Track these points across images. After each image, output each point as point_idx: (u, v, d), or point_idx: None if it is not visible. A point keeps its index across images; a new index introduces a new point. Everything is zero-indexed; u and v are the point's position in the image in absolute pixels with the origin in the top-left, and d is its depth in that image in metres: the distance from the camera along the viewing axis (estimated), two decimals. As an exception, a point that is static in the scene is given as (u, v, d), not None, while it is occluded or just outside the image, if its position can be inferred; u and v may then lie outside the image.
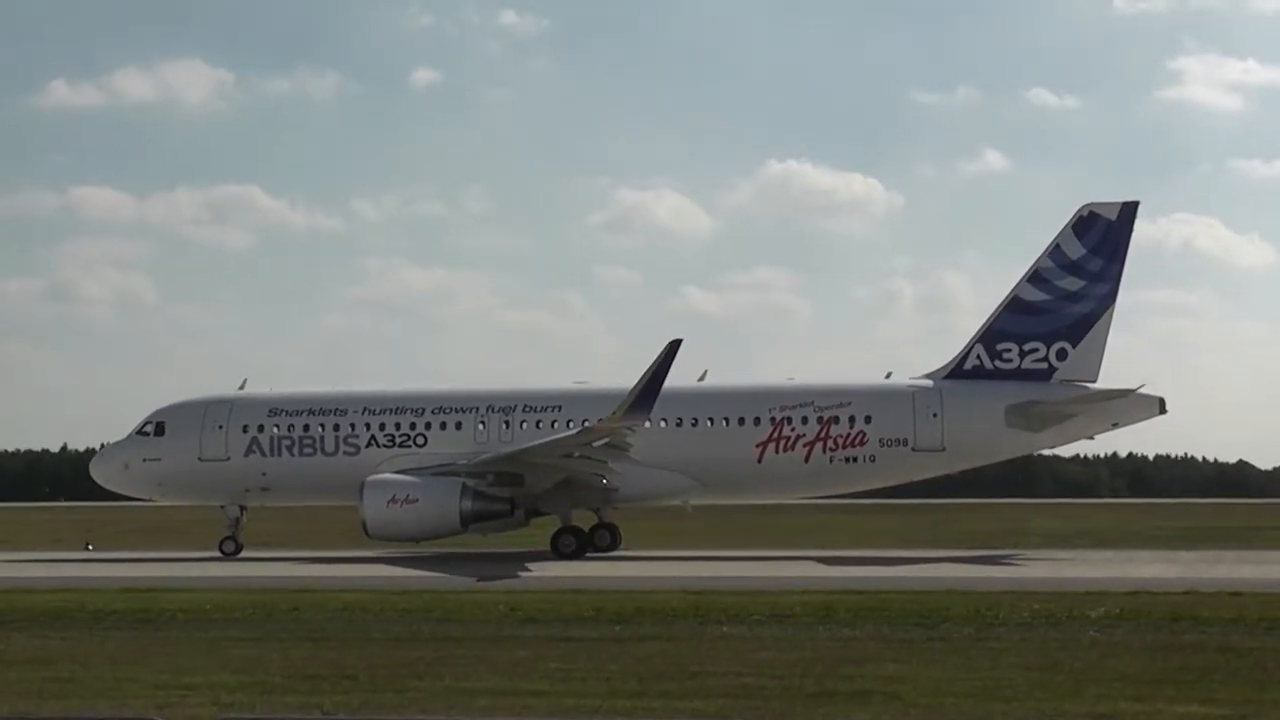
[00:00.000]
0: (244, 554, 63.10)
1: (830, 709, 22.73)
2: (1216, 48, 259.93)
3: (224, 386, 67.62)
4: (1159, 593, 38.47)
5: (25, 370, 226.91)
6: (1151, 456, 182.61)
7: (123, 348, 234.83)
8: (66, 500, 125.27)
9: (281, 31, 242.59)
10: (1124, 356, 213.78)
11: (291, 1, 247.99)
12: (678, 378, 63.24)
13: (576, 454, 60.21)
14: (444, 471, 61.13)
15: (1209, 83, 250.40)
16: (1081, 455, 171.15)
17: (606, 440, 59.11)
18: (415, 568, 54.00)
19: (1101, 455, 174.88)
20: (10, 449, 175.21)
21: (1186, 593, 38.35)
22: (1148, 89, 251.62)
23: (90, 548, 67.74)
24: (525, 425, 63.64)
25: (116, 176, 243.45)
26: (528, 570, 51.81)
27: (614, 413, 57.63)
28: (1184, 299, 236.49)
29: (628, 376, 59.13)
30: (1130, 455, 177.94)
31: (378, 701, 23.60)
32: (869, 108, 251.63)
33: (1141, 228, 69.99)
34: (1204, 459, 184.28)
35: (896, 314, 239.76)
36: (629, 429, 58.38)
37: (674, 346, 56.71)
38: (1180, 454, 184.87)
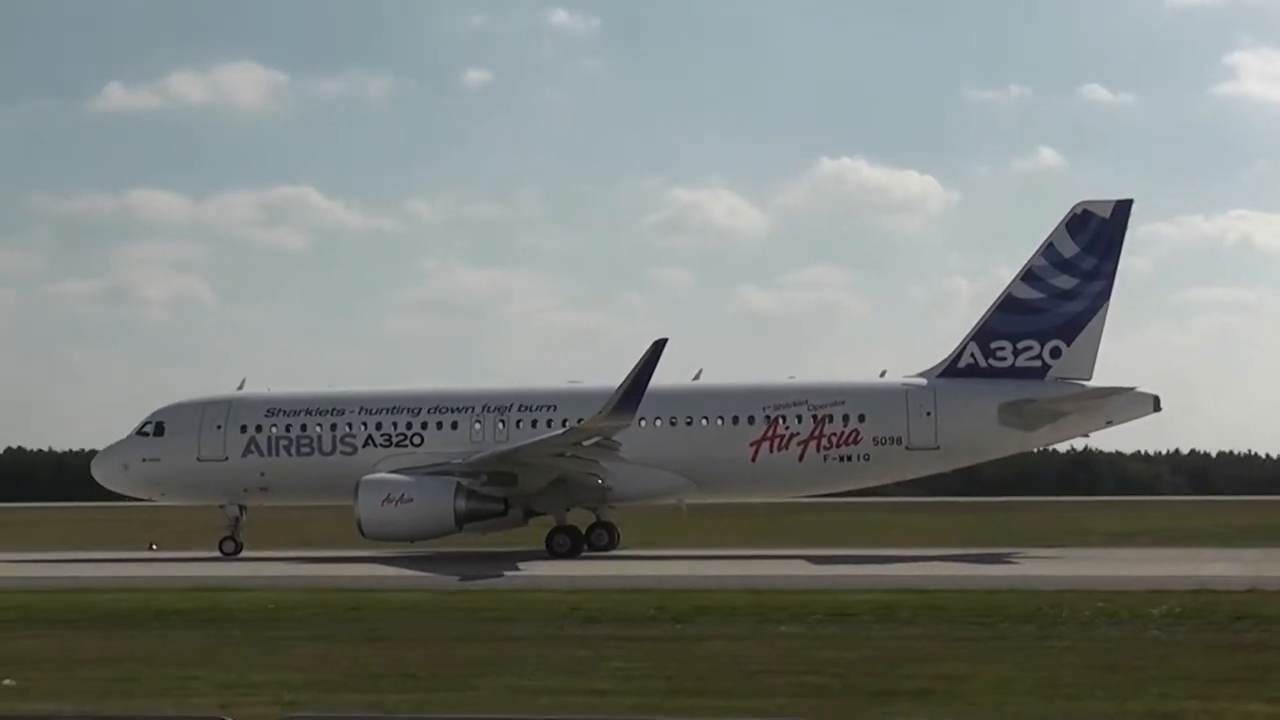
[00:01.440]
0: (244, 554, 63.36)
1: (891, 708, 22.72)
2: (1272, 42, 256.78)
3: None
4: (1221, 591, 38.20)
5: (84, 372, 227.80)
6: (1214, 453, 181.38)
7: (180, 349, 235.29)
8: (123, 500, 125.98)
9: (333, 33, 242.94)
10: (1180, 354, 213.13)
11: (343, 3, 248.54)
12: (676, 377, 64.64)
13: (567, 453, 60.34)
14: (438, 471, 61.24)
15: (1265, 77, 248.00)
16: (1142, 452, 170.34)
17: (596, 440, 59.25)
18: (397, 567, 54.45)
19: (1163, 452, 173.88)
20: (72, 449, 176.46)
21: (1249, 591, 38.10)
22: (1203, 84, 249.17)
23: (154, 548, 68.09)
24: (521, 425, 63.64)
25: (172, 179, 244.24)
26: (515, 570, 51.79)
27: (600, 412, 57.75)
28: (1243, 296, 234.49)
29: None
30: (1192, 452, 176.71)
31: (439, 700, 23.67)
32: (921, 105, 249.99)
33: (1197, 224, 69.73)
34: (1266, 455, 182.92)
35: (953, 312, 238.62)
36: (615, 428, 58.45)
37: (659, 346, 56.79)
38: (1243, 451, 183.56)
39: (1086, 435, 66.42)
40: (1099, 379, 62.19)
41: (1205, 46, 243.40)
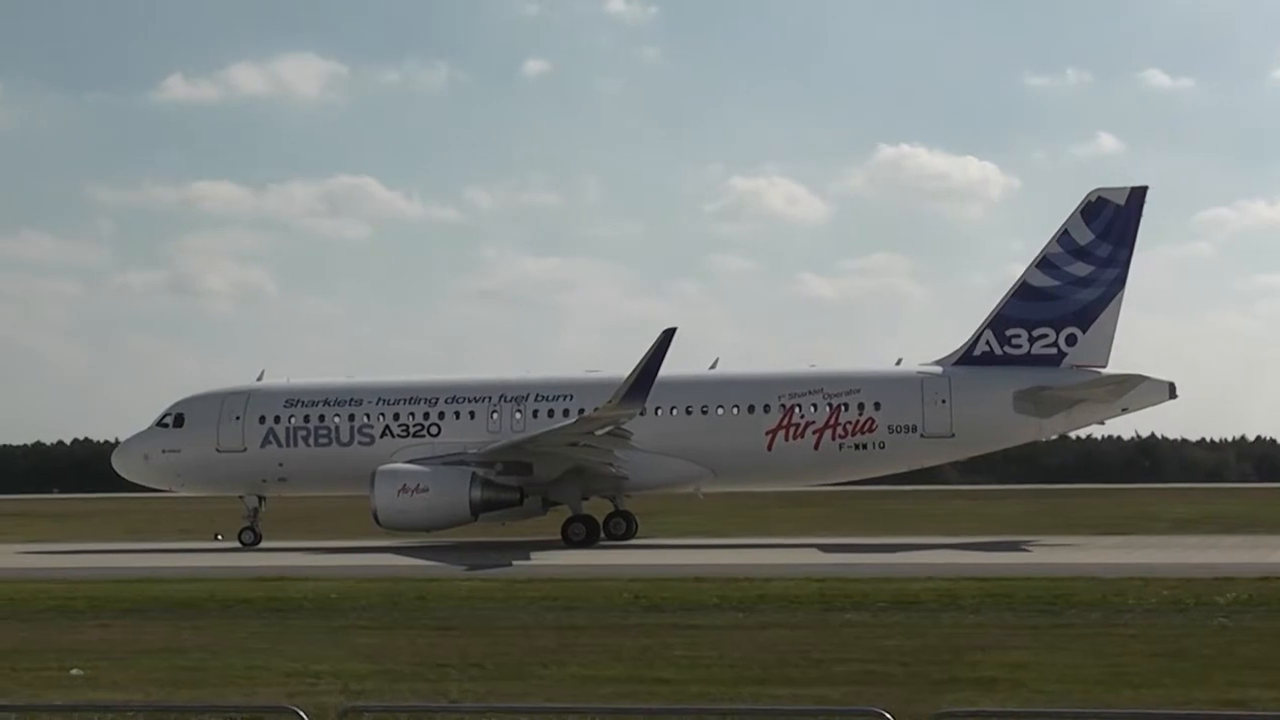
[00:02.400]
0: (263, 544, 63.64)
1: (956, 695, 22.65)
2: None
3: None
4: (1288, 578, 38.03)
5: (148, 362, 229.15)
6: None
7: (242, 339, 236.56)
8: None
9: (391, 23, 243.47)
10: (1244, 339, 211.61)
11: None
12: (693, 366, 65.33)
13: (581, 443, 60.35)
14: (454, 461, 61.46)
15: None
16: (1207, 439, 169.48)
17: (608, 428, 59.28)
18: (407, 556, 54.73)
19: (1228, 438, 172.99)
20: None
21: (1317, 578, 37.91)
22: (1264, 69, 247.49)
23: (219, 538, 68.44)
24: (538, 414, 63.80)
25: (233, 170, 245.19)
26: (526, 559, 51.96)
27: (610, 401, 57.86)
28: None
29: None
30: (1259, 439, 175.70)
31: (504, 689, 23.72)
32: (980, 91, 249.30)
33: (1260, 209, 69.27)
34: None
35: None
36: (625, 416, 58.55)
37: (668, 335, 56.78)
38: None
39: (1102, 423, 66.30)
40: (1121, 364, 61.88)
41: (1266, 30, 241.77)
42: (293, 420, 65.18)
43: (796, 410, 63.20)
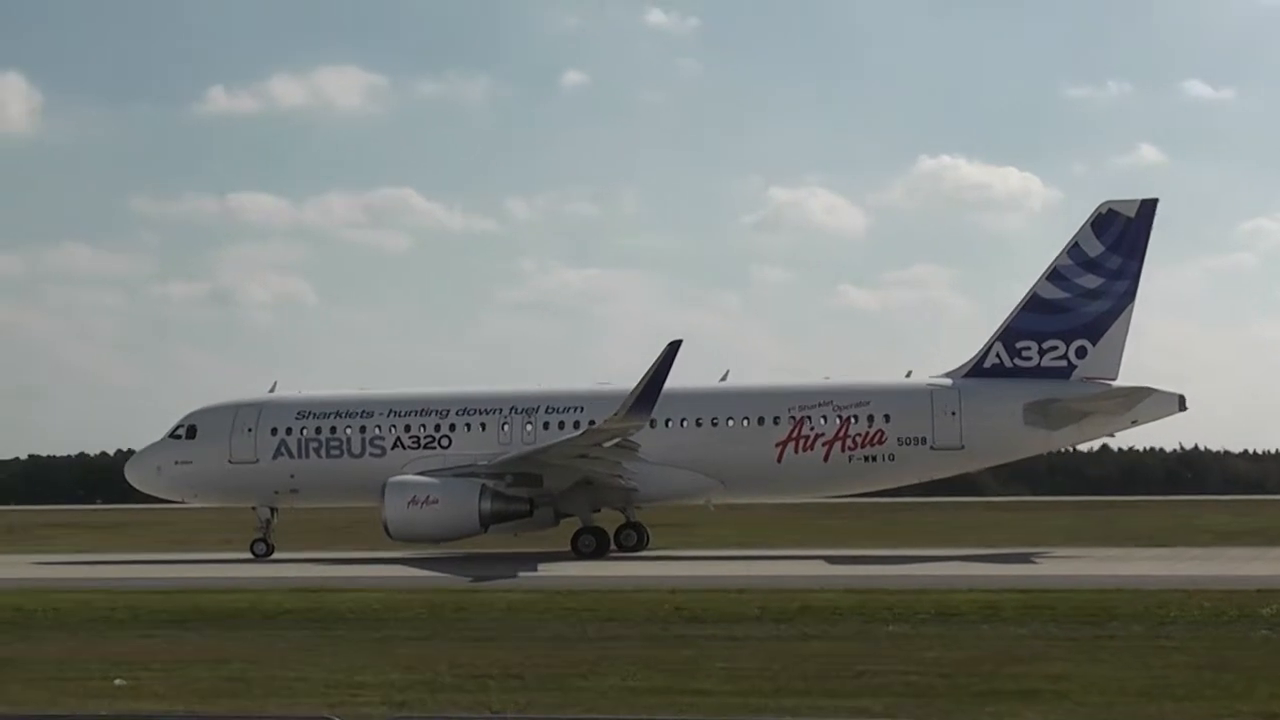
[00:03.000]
0: (276, 555, 63.98)
1: (998, 707, 22.60)
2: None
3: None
4: (1332, 590, 37.84)
5: (190, 373, 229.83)
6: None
7: (283, 351, 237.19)
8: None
9: (431, 35, 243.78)
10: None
11: (440, 6, 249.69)
12: (702, 378, 65.69)
13: (590, 454, 60.47)
14: (464, 473, 61.51)
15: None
16: (1251, 451, 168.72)
17: (616, 440, 59.40)
18: (412, 568, 54.97)
19: (1272, 450, 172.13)
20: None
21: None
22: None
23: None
24: (548, 426, 63.88)
25: (274, 181, 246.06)
26: (532, 571, 52.04)
27: (616, 413, 57.94)
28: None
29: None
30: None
31: (544, 700, 23.74)
32: (1019, 102, 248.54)
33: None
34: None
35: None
36: (631, 429, 58.68)
37: (674, 347, 56.99)
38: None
39: (1112, 435, 66.38)
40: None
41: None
42: (304, 432, 65.51)
43: (806, 422, 63.33)
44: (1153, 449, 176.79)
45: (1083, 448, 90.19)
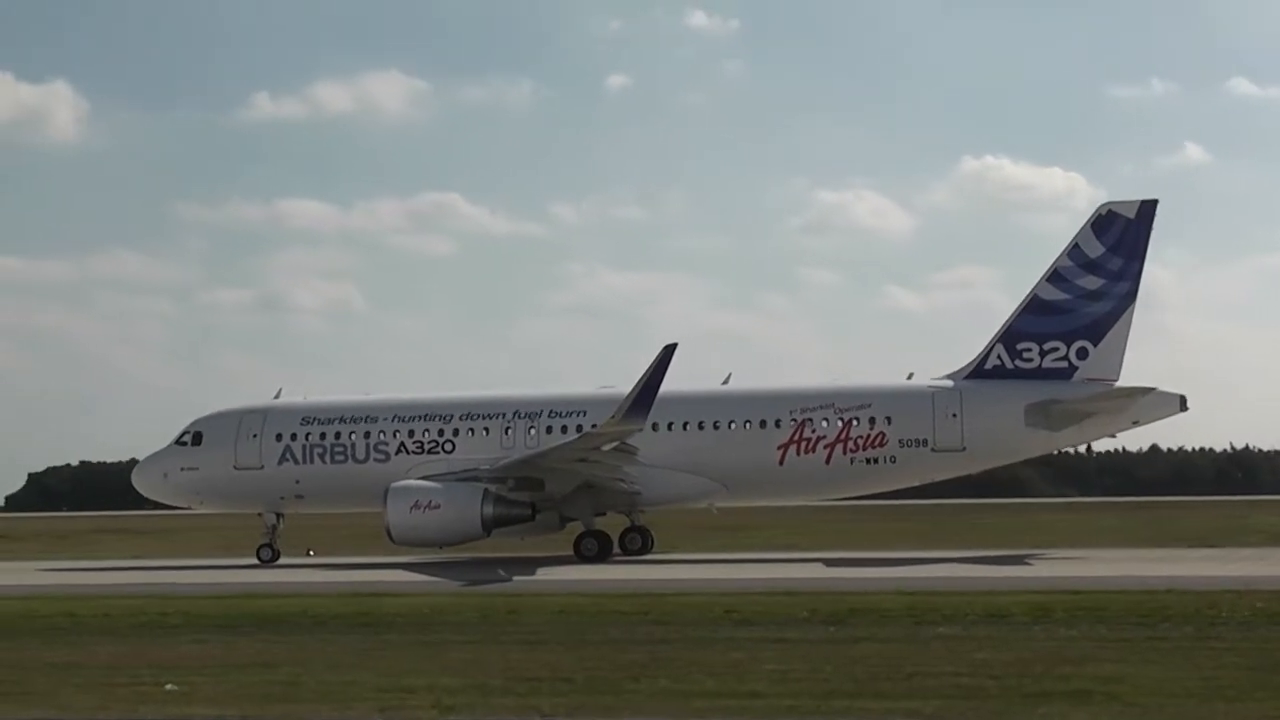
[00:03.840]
0: (280, 561, 64.52)
1: (1048, 709, 22.52)
2: None
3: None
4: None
5: (238, 379, 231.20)
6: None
7: (331, 355, 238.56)
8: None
9: (475, 40, 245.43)
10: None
11: (483, 11, 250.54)
12: (703, 382, 66.65)
13: (589, 458, 60.82)
14: (467, 477, 61.93)
15: None
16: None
17: (614, 444, 59.70)
18: (411, 572, 55.28)
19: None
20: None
21: None
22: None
23: (311, 554, 68.91)
24: (552, 430, 64.35)
25: (320, 187, 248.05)
26: (529, 575, 52.29)
27: (612, 417, 58.41)
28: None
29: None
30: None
31: (595, 704, 23.74)
32: (1063, 102, 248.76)
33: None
34: None
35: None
36: (627, 432, 59.06)
37: (669, 351, 57.47)
38: None
39: (1113, 436, 66.58)
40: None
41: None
42: (309, 438, 66.14)
43: (808, 425, 63.81)
44: (1203, 449, 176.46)
45: (1132, 448, 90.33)
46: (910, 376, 66.02)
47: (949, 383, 64.08)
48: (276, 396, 68.73)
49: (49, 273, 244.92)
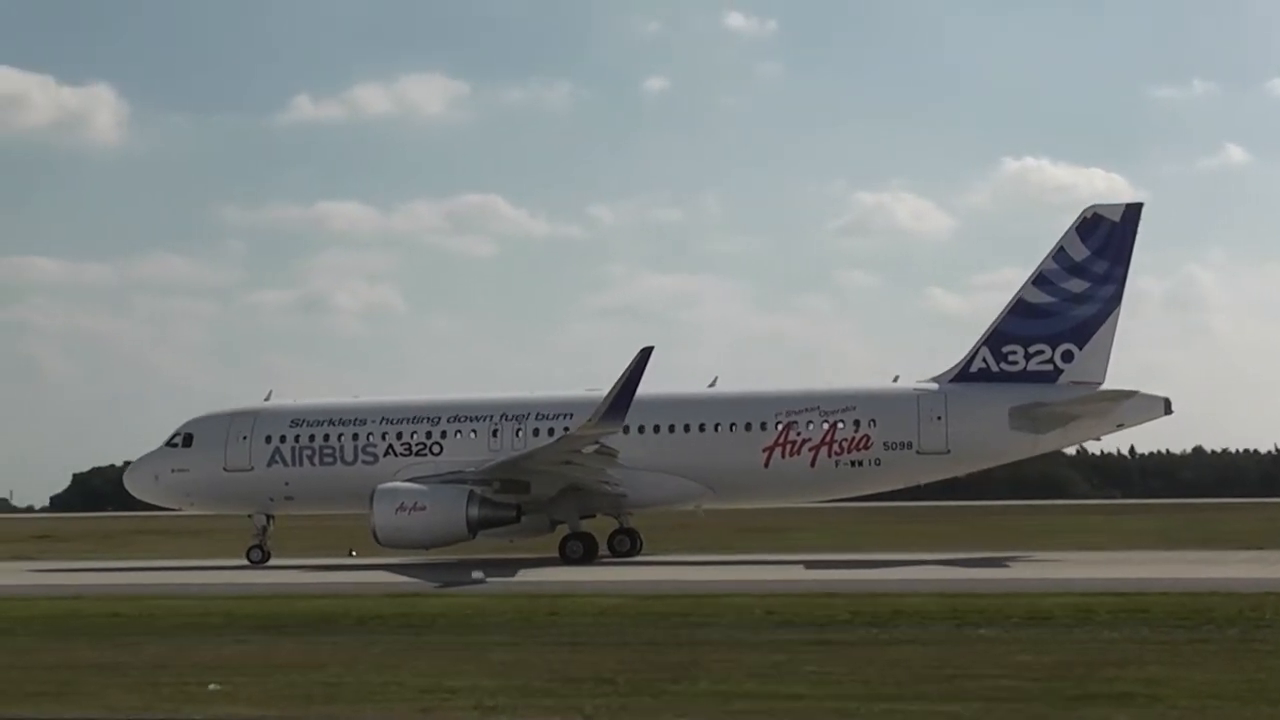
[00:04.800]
0: (271, 562, 64.97)
1: (1091, 712, 22.47)
2: None
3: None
4: None
5: (281, 380, 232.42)
6: None
7: (372, 356, 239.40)
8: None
9: (513, 42, 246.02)
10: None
11: (521, 13, 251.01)
12: (690, 384, 67.50)
13: (572, 461, 61.16)
14: (452, 479, 62.15)
15: None
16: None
17: (594, 447, 60.04)
18: (383, 573, 55.46)
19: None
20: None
21: None
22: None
23: (354, 554, 69.11)
24: (539, 433, 64.60)
25: (360, 189, 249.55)
26: (508, 577, 52.55)
27: (589, 420, 58.78)
28: None
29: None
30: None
31: (636, 705, 23.75)
32: (1102, 103, 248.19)
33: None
34: None
35: (1143, 312, 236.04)
36: (604, 434, 59.44)
37: (645, 354, 57.79)
38: None
39: (1098, 438, 66.88)
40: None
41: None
42: (298, 440, 66.75)
43: (793, 428, 64.13)
44: (1247, 450, 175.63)
45: (1176, 450, 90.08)
46: (896, 379, 66.34)
47: (934, 385, 64.42)
48: (267, 399, 69.28)
49: (92, 276, 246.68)
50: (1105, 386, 62.34)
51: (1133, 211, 63.06)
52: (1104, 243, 62.53)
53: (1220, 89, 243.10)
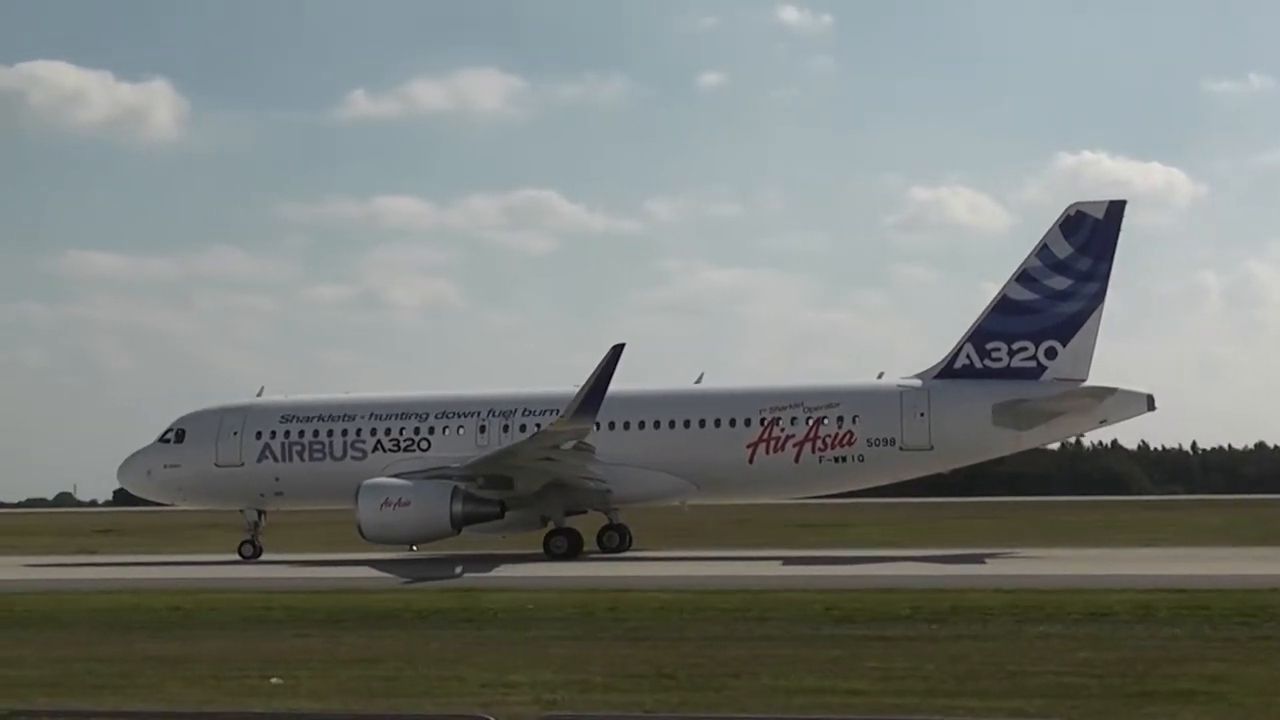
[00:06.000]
0: (264, 557, 65.43)
1: (1152, 709, 22.38)
2: None
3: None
4: None
5: (339, 374, 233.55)
6: None
7: (430, 351, 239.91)
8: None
9: (569, 37, 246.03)
10: None
11: (576, 8, 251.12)
12: (674, 380, 67.90)
13: (547, 457, 61.24)
14: (437, 475, 62.32)
15: None
16: None
17: (572, 443, 60.18)
18: (352, 569, 55.91)
19: None
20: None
21: None
22: None
23: (414, 549, 69.25)
24: (525, 429, 64.57)
25: (416, 184, 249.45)
26: (480, 573, 52.44)
27: (562, 416, 59.03)
28: None
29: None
30: None
31: (697, 700, 23.76)
32: (1160, 97, 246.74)
33: None
34: None
35: (1203, 307, 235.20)
36: (576, 431, 59.53)
37: (616, 351, 58.01)
38: None
39: (1082, 435, 66.65)
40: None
41: None
42: (288, 436, 67.33)
43: (777, 424, 64.25)
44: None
45: (1237, 445, 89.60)
46: (881, 375, 66.37)
47: (917, 382, 64.59)
48: (259, 395, 69.68)
49: (151, 271, 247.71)
50: (1090, 383, 62.20)
51: (1116, 209, 63.12)
52: (1087, 240, 62.64)
53: (1277, 83, 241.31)
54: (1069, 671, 25.80)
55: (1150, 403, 62.67)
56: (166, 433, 68.24)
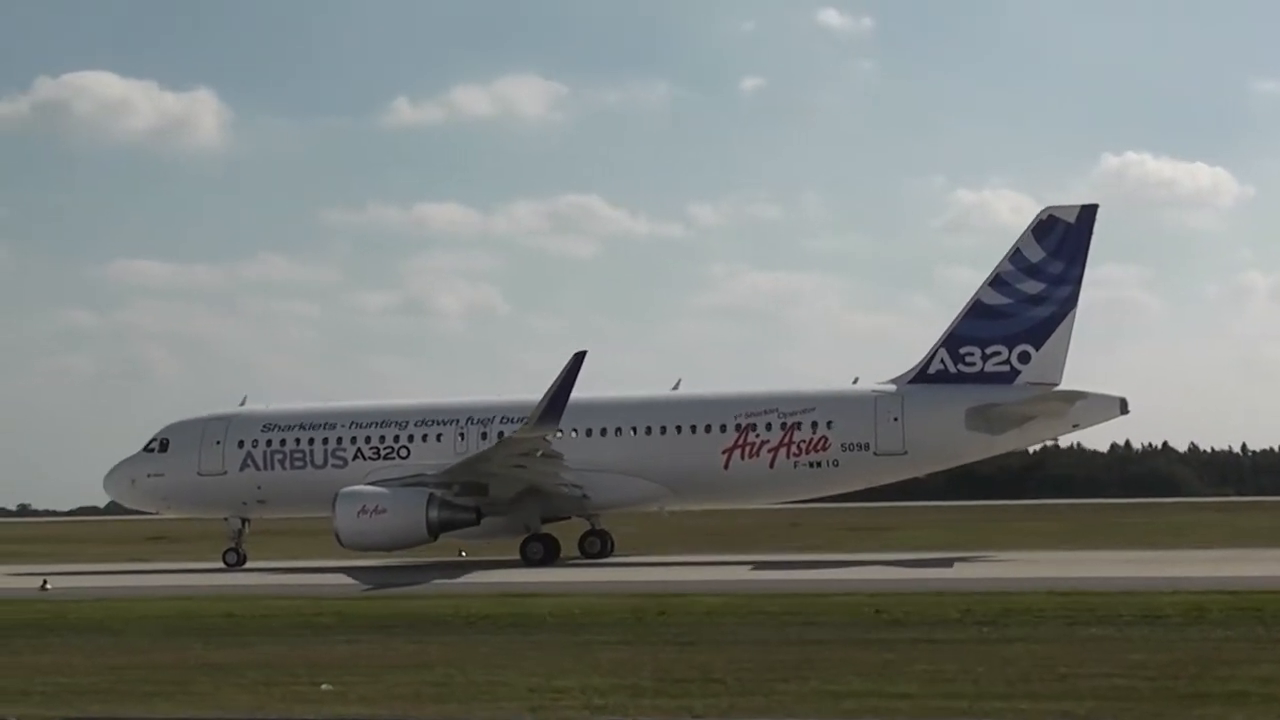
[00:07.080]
0: (249, 565, 65.91)
1: (1204, 711, 22.25)
2: None
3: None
4: None
5: (384, 380, 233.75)
6: None
7: (475, 357, 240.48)
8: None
9: (610, 43, 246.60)
10: None
11: (617, 14, 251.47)
12: (653, 387, 68.08)
13: (524, 464, 61.55)
14: (413, 482, 62.59)
15: None
16: None
17: (540, 451, 60.68)
18: (310, 577, 56.16)
19: None
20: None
21: None
22: None
23: (464, 555, 69.44)
24: (503, 436, 64.30)
25: (460, 190, 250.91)
26: (452, 579, 52.96)
27: (525, 423, 59.37)
28: None
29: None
30: None
31: (746, 705, 23.72)
32: (1204, 96, 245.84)
33: None
34: None
35: (1249, 308, 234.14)
36: (539, 438, 59.94)
37: (579, 358, 58.51)
38: None
39: (1055, 438, 66.73)
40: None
41: None
42: (270, 444, 67.88)
43: (752, 430, 64.46)
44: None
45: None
46: (856, 381, 66.51)
47: (891, 387, 64.83)
48: (242, 404, 70.13)
49: (199, 278, 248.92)
50: (1063, 387, 62.22)
51: (1088, 213, 63.26)
52: (1059, 244, 62.82)
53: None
54: (1121, 674, 25.67)
55: (1123, 406, 62.86)
56: (150, 442, 68.93)
